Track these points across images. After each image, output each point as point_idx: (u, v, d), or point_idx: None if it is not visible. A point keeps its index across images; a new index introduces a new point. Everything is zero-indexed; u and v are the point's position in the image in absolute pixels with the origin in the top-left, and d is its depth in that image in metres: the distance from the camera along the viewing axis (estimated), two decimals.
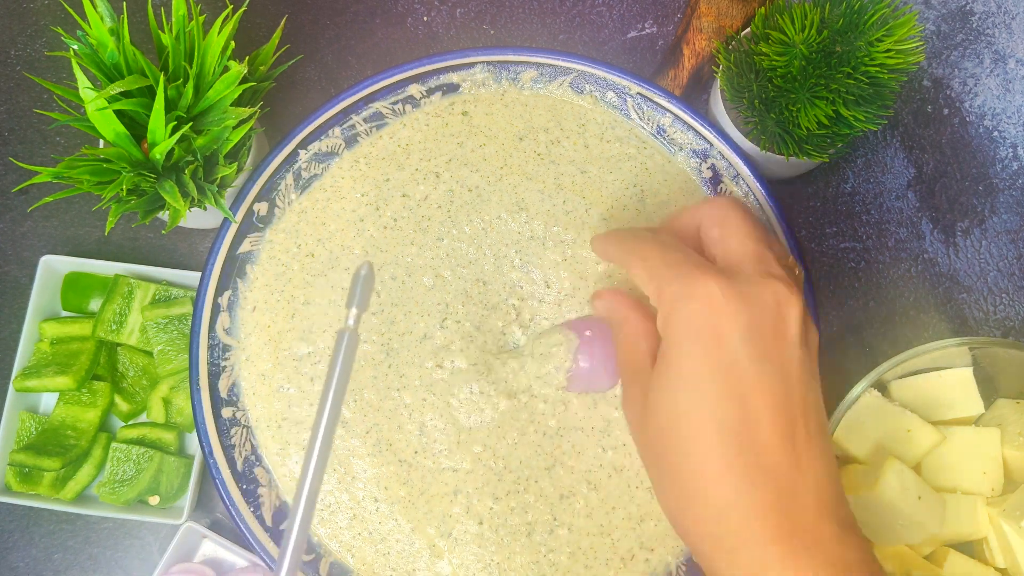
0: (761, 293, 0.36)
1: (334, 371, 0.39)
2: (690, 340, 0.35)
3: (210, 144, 0.47)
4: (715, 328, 0.35)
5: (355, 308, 0.41)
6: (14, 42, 0.62)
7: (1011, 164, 0.60)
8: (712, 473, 0.34)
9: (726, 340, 0.35)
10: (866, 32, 0.47)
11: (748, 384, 0.34)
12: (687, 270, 0.36)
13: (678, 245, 0.39)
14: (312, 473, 0.38)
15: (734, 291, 0.35)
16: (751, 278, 0.36)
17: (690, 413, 0.35)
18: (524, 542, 0.48)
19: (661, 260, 0.38)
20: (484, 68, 0.53)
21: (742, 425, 0.34)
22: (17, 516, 0.56)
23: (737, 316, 0.35)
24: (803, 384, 0.35)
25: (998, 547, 0.49)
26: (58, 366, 0.53)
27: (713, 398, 0.34)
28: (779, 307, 0.36)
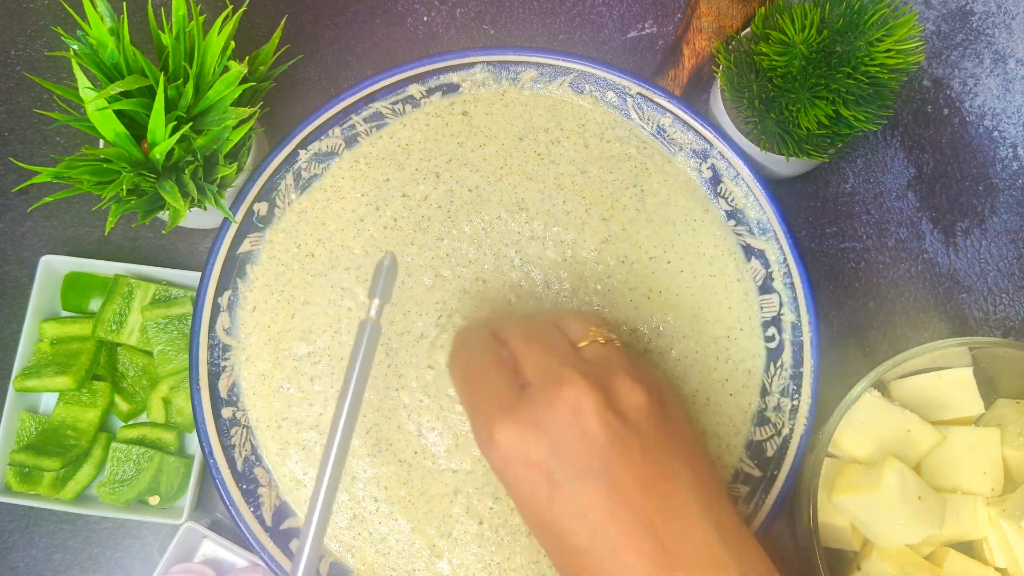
0: (550, 409, 0.37)
1: (356, 361, 0.40)
2: (514, 486, 0.37)
3: (210, 144, 0.47)
4: (525, 463, 0.36)
5: (377, 299, 0.42)
6: (14, 42, 0.62)
7: (1011, 164, 0.60)
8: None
9: (541, 468, 0.36)
10: (866, 32, 0.47)
11: (578, 503, 0.36)
12: (484, 415, 0.38)
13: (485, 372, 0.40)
14: (332, 465, 0.38)
15: (526, 423, 0.37)
16: (537, 398, 0.37)
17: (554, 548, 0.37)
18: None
19: (468, 402, 0.40)
20: (484, 68, 0.53)
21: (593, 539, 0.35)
22: (17, 516, 0.56)
23: (537, 444, 0.36)
24: (630, 472, 0.36)
25: (998, 547, 0.49)
26: (58, 366, 0.53)
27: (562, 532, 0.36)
28: (573, 413, 0.37)
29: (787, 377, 0.50)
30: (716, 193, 0.53)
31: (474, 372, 0.40)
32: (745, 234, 0.52)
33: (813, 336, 0.50)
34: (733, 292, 0.51)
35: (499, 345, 0.41)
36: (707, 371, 0.50)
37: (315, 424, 0.49)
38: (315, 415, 0.50)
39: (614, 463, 0.36)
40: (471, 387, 0.40)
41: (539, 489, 0.36)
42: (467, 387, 0.40)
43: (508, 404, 0.38)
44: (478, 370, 0.40)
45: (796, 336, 0.51)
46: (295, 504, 0.49)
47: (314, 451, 0.49)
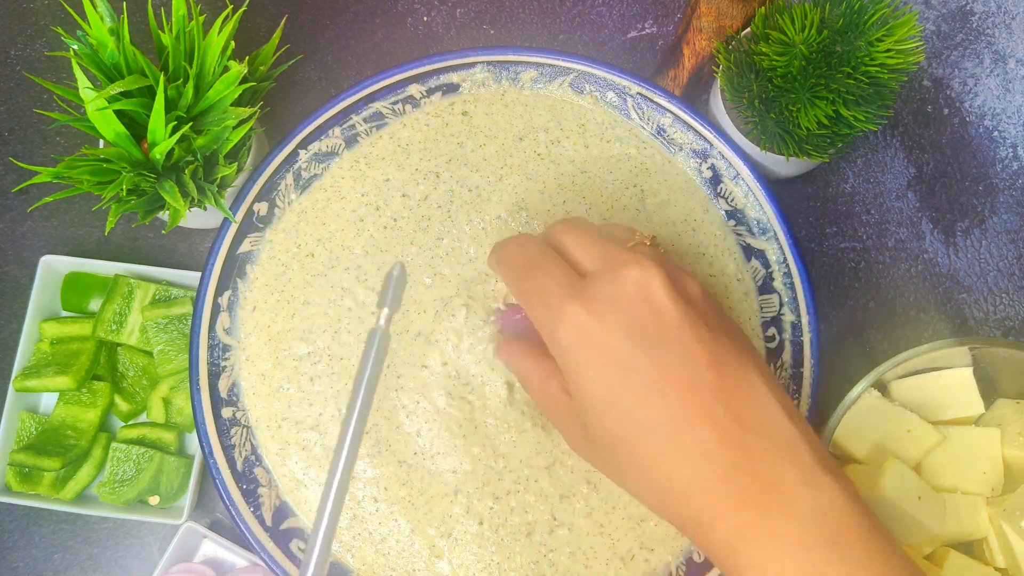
0: (620, 287, 0.36)
1: (365, 369, 0.40)
2: (584, 363, 0.36)
3: (210, 144, 0.47)
4: (597, 342, 0.36)
5: (387, 308, 0.42)
6: (14, 42, 0.62)
7: (1011, 164, 0.60)
8: (667, 467, 0.35)
9: (613, 349, 0.35)
10: (866, 32, 0.47)
11: (654, 377, 0.35)
12: (549, 297, 0.37)
13: (544, 262, 0.39)
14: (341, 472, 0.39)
15: (597, 301, 0.36)
16: (604, 277, 0.37)
17: (622, 425, 0.36)
18: (524, 542, 0.48)
19: (530, 287, 0.39)
20: (484, 68, 0.53)
21: (666, 414, 0.35)
22: (17, 516, 0.56)
23: (611, 322, 0.36)
24: (703, 346, 0.36)
25: (998, 547, 0.49)
26: (58, 366, 0.53)
27: (631, 404, 0.35)
28: (641, 290, 0.36)
29: (787, 377, 0.50)
30: (716, 193, 0.53)
31: (532, 262, 0.40)
32: (745, 234, 0.52)
33: (813, 336, 0.50)
34: (733, 292, 0.51)
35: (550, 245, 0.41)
36: None
37: (315, 424, 0.49)
38: (315, 415, 0.50)
39: (687, 336, 0.36)
40: (531, 275, 0.39)
41: (611, 366, 0.36)
42: (526, 276, 0.39)
43: (575, 287, 0.37)
44: (536, 261, 0.40)
45: (796, 336, 0.51)
46: (295, 504, 0.49)
47: (314, 451, 0.49)
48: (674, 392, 0.35)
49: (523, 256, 0.41)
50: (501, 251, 0.42)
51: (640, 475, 0.36)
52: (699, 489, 0.34)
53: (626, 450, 0.36)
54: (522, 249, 0.41)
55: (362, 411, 0.40)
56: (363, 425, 0.40)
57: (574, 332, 0.36)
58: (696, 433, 0.34)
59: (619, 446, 0.36)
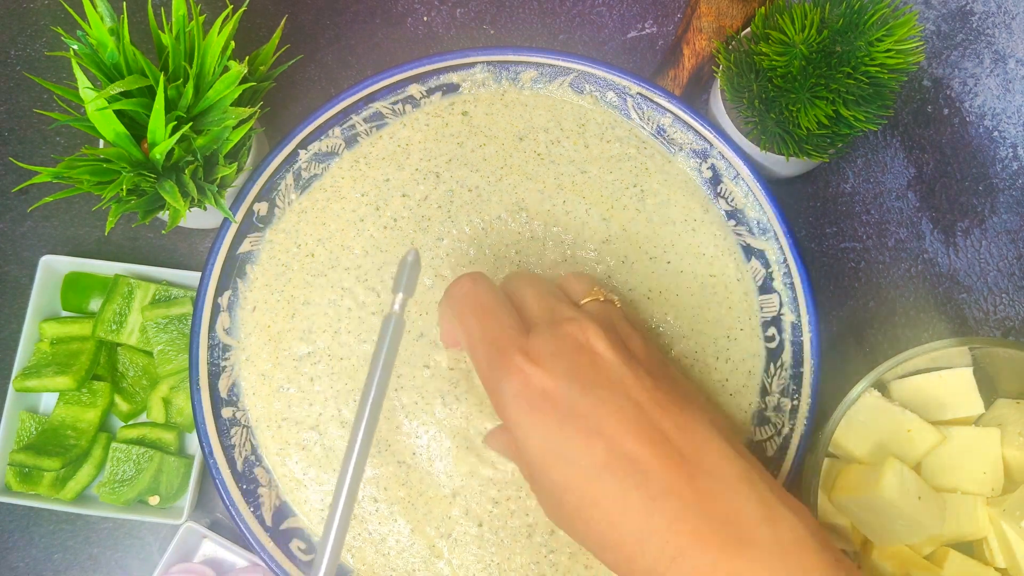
0: (560, 341, 0.37)
1: (380, 354, 0.41)
2: (525, 414, 0.36)
3: (210, 144, 0.47)
4: (539, 391, 0.36)
5: (401, 293, 0.42)
6: (14, 42, 0.62)
7: (1011, 164, 0.60)
8: (615, 512, 0.33)
9: (554, 395, 0.35)
10: (866, 32, 0.47)
11: (592, 417, 0.35)
12: (498, 349, 0.38)
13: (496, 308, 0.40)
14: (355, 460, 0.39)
15: (540, 351, 0.37)
16: (546, 332, 0.38)
17: (565, 475, 0.35)
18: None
19: (479, 334, 0.39)
20: (484, 68, 0.53)
21: (610, 453, 0.34)
22: (17, 516, 0.56)
23: (552, 370, 0.36)
24: (644, 389, 0.35)
25: (998, 547, 0.49)
26: (58, 366, 0.53)
27: (573, 449, 0.34)
28: (581, 342, 0.37)
29: (787, 377, 0.50)
30: (716, 193, 0.53)
31: (485, 308, 0.40)
32: (745, 234, 0.52)
33: (813, 336, 0.50)
34: (733, 292, 0.51)
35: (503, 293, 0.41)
36: (707, 371, 0.50)
37: (315, 424, 0.49)
38: (315, 415, 0.50)
39: (629, 380, 0.36)
40: (482, 321, 0.39)
41: (551, 413, 0.35)
42: (477, 321, 0.40)
43: (520, 339, 0.38)
44: (489, 307, 0.40)
45: (796, 336, 0.51)
46: (295, 504, 0.49)
47: (314, 451, 0.49)
48: (617, 434, 0.34)
49: (475, 298, 0.41)
50: (454, 288, 0.42)
51: (588, 527, 0.35)
52: (652, 536, 0.32)
53: (572, 501, 0.35)
54: (475, 288, 0.41)
55: (377, 394, 0.41)
56: (379, 409, 0.41)
57: (517, 383, 0.36)
58: (643, 476, 0.33)
59: (565, 497, 0.35)
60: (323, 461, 0.49)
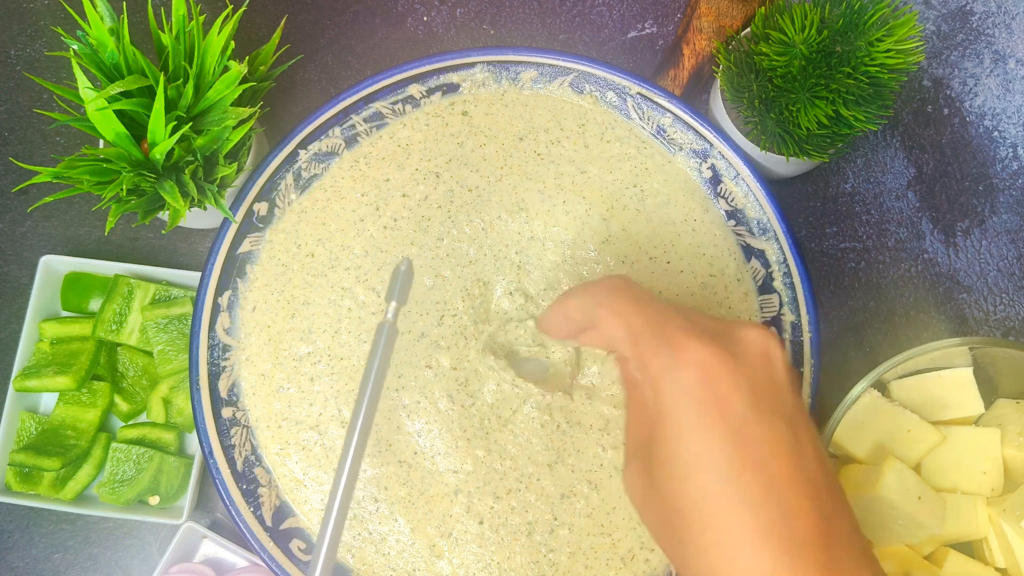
0: (748, 347, 0.34)
1: (373, 362, 0.40)
2: (693, 413, 0.33)
3: (210, 144, 0.47)
4: (716, 395, 0.33)
5: (394, 302, 0.42)
6: (14, 42, 0.62)
7: (1011, 164, 0.60)
8: (745, 550, 0.31)
9: (730, 405, 0.33)
10: (866, 32, 0.47)
11: (763, 448, 0.32)
12: (671, 333, 0.34)
13: (653, 299, 0.37)
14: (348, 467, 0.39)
15: (725, 351, 0.34)
16: (733, 333, 0.35)
17: (708, 490, 0.32)
18: (524, 542, 0.48)
19: (641, 320, 0.35)
20: (484, 68, 0.53)
21: (768, 494, 0.32)
22: (17, 516, 0.56)
23: (735, 377, 0.33)
24: (808, 433, 0.34)
25: (998, 547, 0.49)
26: (58, 366, 0.53)
27: (730, 471, 0.32)
28: (767, 357, 0.34)
29: None
30: (716, 193, 0.53)
31: (643, 298, 0.37)
32: (745, 234, 0.52)
33: (813, 336, 0.50)
34: (733, 292, 0.51)
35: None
36: None
37: (315, 424, 0.49)
38: (315, 415, 0.50)
39: (797, 415, 0.34)
40: (645, 308, 0.36)
41: (721, 424, 0.32)
42: (637, 308, 0.36)
43: (701, 329, 0.35)
44: (648, 298, 0.37)
45: (796, 336, 0.51)
46: (295, 504, 0.49)
47: (314, 451, 0.49)
48: (780, 476, 0.32)
49: (630, 290, 0.37)
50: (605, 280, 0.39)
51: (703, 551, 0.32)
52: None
53: (699, 519, 0.32)
54: (628, 283, 0.38)
55: (371, 403, 0.41)
56: (372, 417, 0.41)
57: (693, 376, 0.33)
58: (788, 528, 0.31)
59: (691, 512, 0.32)
60: (323, 461, 0.49)
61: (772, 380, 0.34)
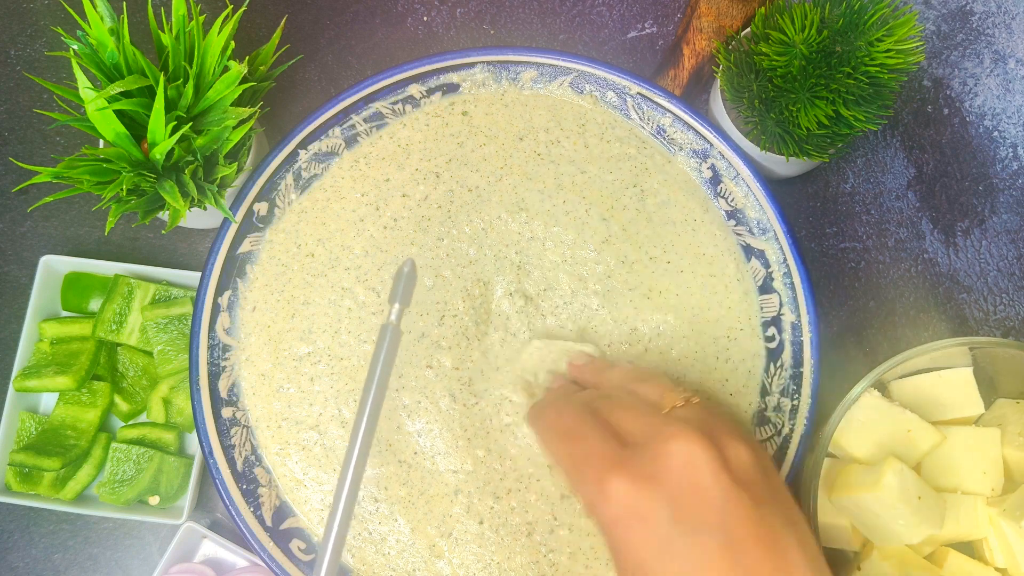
0: (663, 462, 0.36)
1: (376, 364, 0.41)
2: (622, 540, 0.35)
3: (210, 144, 0.47)
4: (640, 518, 0.35)
5: (397, 304, 0.42)
6: (14, 42, 0.62)
7: (1011, 164, 0.60)
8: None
9: (653, 525, 0.34)
10: (866, 32, 0.47)
11: (691, 562, 0.34)
12: (590, 469, 0.37)
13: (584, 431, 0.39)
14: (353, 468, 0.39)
15: (640, 476, 0.35)
16: (647, 452, 0.36)
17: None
18: (524, 542, 0.48)
19: (570, 462, 0.38)
20: (484, 68, 0.53)
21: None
22: (17, 516, 0.56)
23: (652, 498, 0.35)
24: (745, 528, 0.34)
25: (998, 547, 0.49)
26: (58, 366, 0.53)
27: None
28: (685, 467, 0.35)
29: (787, 377, 0.50)
30: (716, 193, 0.53)
31: (573, 430, 0.39)
32: (745, 234, 0.52)
33: (813, 336, 0.50)
34: (733, 292, 0.51)
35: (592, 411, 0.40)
36: (707, 371, 0.50)
37: (315, 424, 0.49)
38: (315, 415, 0.50)
39: (730, 518, 0.34)
40: (571, 445, 0.39)
41: (650, 546, 0.35)
42: (567, 445, 0.39)
43: (617, 459, 0.37)
44: (577, 428, 0.39)
45: (796, 336, 0.51)
46: (295, 504, 0.49)
47: (314, 451, 0.49)
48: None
49: (560, 423, 0.40)
50: (540, 415, 0.42)
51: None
52: None
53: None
54: (559, 415, 0.41)
55: (374, 405, 0.41)
56: (376, 419, 0.41)
57: (618, 508, 0.35)
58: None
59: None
60: (323, 461, 0.49)
61: (696, 492, 0.35)
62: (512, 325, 0.50)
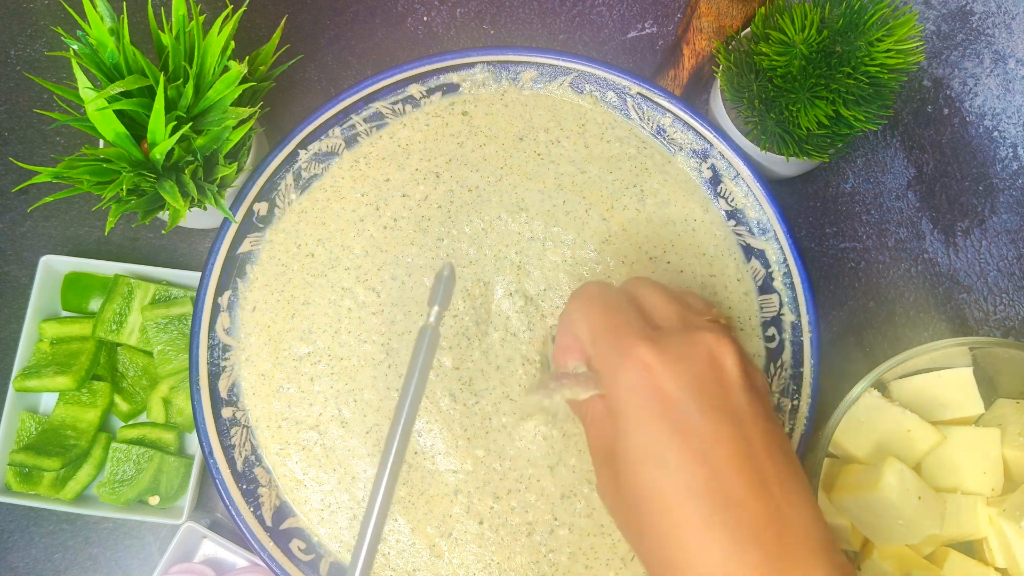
0: (693, 347, 0.36)
1: (415, 365, 0.40)
2: (637, 408, 0.35)
3: (210, 144, 0.47)
4: (659, 392, 0.35)
5: (436, 306, 0.42)
6: (14, 42, 0.62)
7: (1011, 164, 0.60)
8: (694, 540, 0.33)
9: (673, 402, 0.34)
10: (866, 32, 0.47)
11: (705, 439, 0.34)
12: (625, 337, 0.36)
13: (623, 307, 0.39)
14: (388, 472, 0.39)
15: (668, 351, 0.35)
16: (679, 334, 0.36)
17: (657, 482, 0.34)
18: (524, 542, 0.48)
19: (603, 323, 0.38)
20: (484, 68, 0.53)
21: (711, 483, 0.33)
22: (17, 516, 0.56)
23: (676, 374, 0.35)
24: (759, 428, 0.35)
25: (998, 547, 0.49)
26: (58, 366, 0.53)
27: (675, 462, 0.33)
28: (714, 358, 0.36)
29: (787, 377, 0.50)
30: (716, 193, 0.53)
31: (612, 304, 0.39)
32: (745, 234, 0.52)
33: (813, 336, 0.50)
34: (733, 292, 0.51)
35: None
36: None
37: (315, 424, 0.49)
38: (315, 415, 0.50)
39: (747, 412, 0.35)
40: (608, 315, 0.38)
41: (667, 419, 0.34)
42: (604, 314, 0.39)
43: (649, 335, 0.36)
44: (617, 304, 0.39)
45: (796, 336, 0.51)
46: (295, 504, 0.49)
47: (314, 451, 0.49)
48: (723, 466, 0.33)
49: (601, 298, 0.40)
50: (581, 290, 0.41)
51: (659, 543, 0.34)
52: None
53: (652, 512, 0.34)
54: (601, 291, 0.40)
55: (412, 407, 0.40)
56: (412, 421, 0.40)
57: (637, 374, 0.35)
58: (735, 519, 0.32)
59: (646, 505, 0.34)
60: (323, 461, 0.49)
61: (719, 381, 0.35)
62: (512, 325, 0.50)
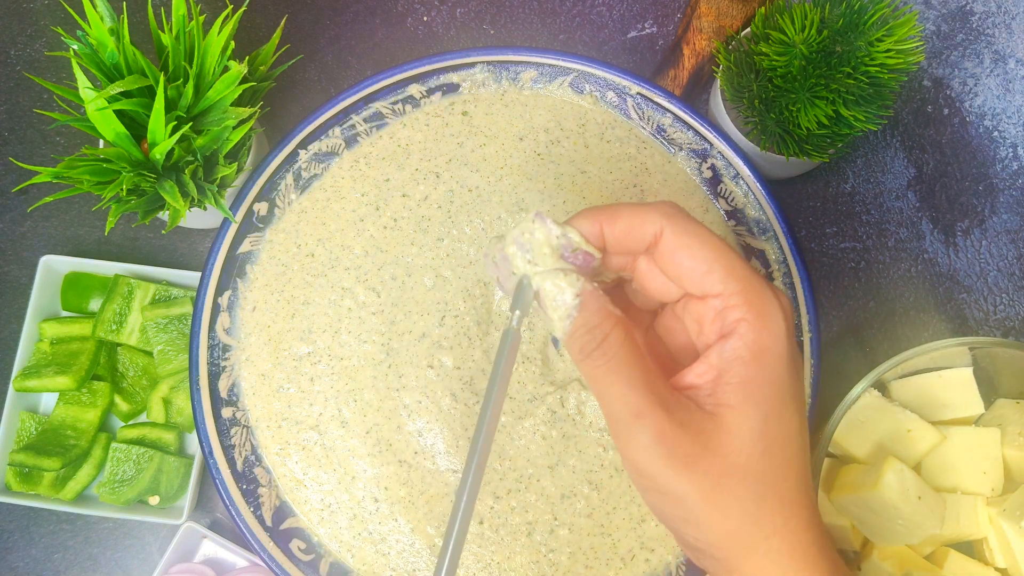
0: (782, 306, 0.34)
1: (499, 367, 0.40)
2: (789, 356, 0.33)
3: (210, 144, 0.47)
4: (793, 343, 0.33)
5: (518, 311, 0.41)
6: (14, 42, 0.62)
7: (1011, 164, 0.60)
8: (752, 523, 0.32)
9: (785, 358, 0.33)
10: (866, 32, 0.47)
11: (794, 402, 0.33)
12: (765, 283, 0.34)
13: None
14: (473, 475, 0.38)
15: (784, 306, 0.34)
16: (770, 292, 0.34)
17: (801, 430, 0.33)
18: (524, 542, 0.48)
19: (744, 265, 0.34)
20: (484, 68, 0.53)
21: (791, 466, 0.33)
22: (17, 516, 0.56)
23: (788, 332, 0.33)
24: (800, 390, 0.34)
25: (998, 547, 0.49)
26: (58, 366, 0.53)
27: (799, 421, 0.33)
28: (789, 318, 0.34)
29: None
30: (716, 193, 0.53)
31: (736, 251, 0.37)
32: (745, 234, 0.52)
33: (813, 336, 0.50)
34: None
35: None
36: None
37: (315, 424, 0.49)
38: (315, 415, 0.50)
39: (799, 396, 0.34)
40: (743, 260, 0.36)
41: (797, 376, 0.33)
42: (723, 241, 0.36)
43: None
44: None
45: (796, 336, 0.51)
46: (295, 504, 0.49)
47: (314, 451, 0.49)
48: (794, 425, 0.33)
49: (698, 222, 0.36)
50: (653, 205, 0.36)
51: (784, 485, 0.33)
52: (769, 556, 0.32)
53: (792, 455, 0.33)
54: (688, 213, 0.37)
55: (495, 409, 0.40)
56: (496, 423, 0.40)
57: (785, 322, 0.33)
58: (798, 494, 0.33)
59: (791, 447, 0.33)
60: (323, 461, 0.49)
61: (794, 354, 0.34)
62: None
